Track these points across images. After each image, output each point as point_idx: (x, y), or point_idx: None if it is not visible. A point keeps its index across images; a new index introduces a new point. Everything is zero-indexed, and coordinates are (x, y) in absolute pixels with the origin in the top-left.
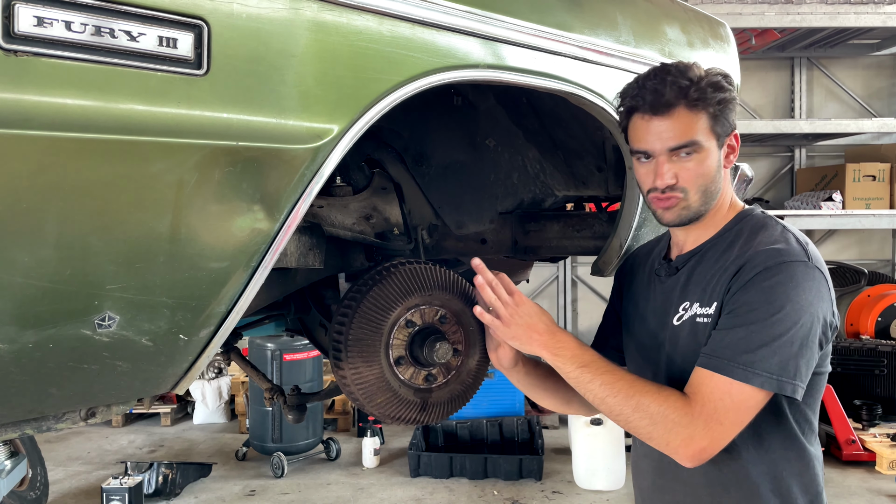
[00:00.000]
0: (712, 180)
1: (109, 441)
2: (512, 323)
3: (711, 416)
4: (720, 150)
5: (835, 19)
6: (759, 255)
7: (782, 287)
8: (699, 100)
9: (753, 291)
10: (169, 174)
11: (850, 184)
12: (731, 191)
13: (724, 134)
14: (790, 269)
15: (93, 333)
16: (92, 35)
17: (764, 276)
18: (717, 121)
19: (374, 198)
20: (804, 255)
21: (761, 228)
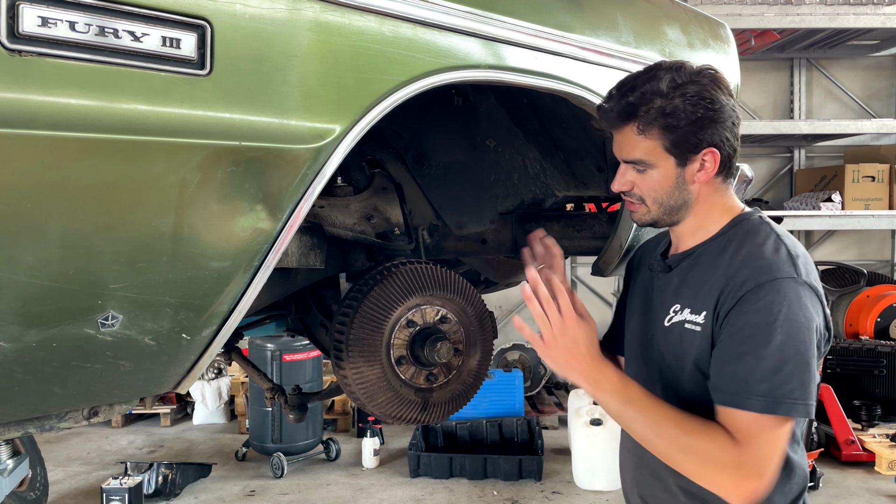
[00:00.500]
0: (669, 196)
1: (109, 441)
2: (553, 345)
3: (759, 454)
4: (681, 168)
5: (834, 20)
6: (749, 270)
7: (777, 307)
8: (648, 124)
9: (750, 314)
10: (172, 174)
11: (849, 184)
12: (722, 197)
13: (689, 150)
14: (780, 287)
15: (96, 333)
16: (96, 35)
17: (756, 294)
18: (672, 139)
19: (375, 198)
20: (793, 271)
21: (752, 236)
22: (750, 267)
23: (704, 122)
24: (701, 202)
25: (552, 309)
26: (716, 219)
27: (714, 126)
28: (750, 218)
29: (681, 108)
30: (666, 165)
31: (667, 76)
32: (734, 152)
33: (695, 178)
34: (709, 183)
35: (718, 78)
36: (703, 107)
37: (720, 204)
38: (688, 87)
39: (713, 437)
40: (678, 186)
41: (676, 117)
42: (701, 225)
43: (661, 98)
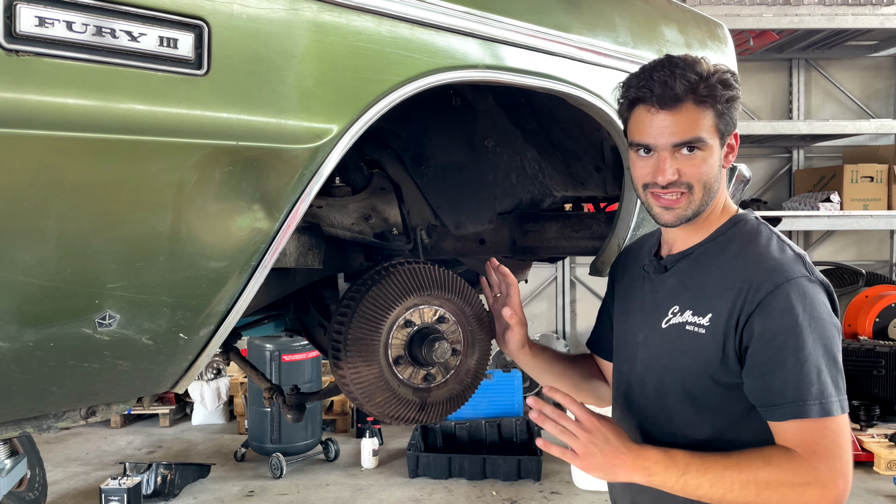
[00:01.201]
0: (714, 179)
1: (108, 442)
2: (589, 455)
3: (829, 459)
4: (721, 149)
5: (833, 20)
6: (763, 272)
7: (800, 307)
8: (708, 96)
9: (776, 318)
10: (169, 174)
11: (847, 185)
12: (724, 190)
13: (727, 133)
14: (799, 286)
15: (93, 332)
16: (93, 35)
17: (777, 297)
18: (722, 119)
19: (373, 198)
20: (804, 269)
21: (755, 237)
22: (762, 269)
23: (738, 103)
24: (720, 190)
25: (570, 422)
26: (718, 215)
27: (737, 111)
28: (748, 218)
29: (730, 85)
30: (715, 145)
31: (705, 61)
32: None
33: (723, 161)
34: (724, 171)
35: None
36: (735, 88)
37: (724, 198)
38: (731, 75)
39: (779, 462)
40: (719, 170)
41: (731, 89)
42: (707, 221)
43: (713, 75)
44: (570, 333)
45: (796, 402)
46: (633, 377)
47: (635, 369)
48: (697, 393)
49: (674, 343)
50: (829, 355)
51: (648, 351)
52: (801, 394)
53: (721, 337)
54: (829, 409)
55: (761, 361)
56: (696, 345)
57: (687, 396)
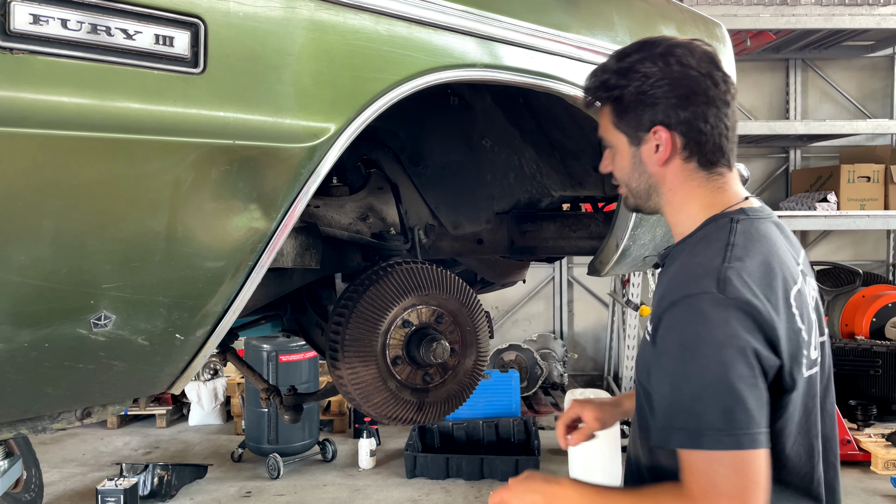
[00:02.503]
0: (629, 178)
1: (104, 443)
2: None
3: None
4: (635, 147)
5: (829, 21)
6: (669, 285)
7: (691, 326)
8: (599, 95)
9: (665, 336)
10: (165, 173)
11: (844, 185)
12: (700, 188)
13: (636, 129)
14: (694, 303)
15: (89, 333)
16: (88, 33)
17: (671, 313)
18: (624, 115)
19: (371, 198)
20: (714, 286)
21: (707, 243)
22: (673, 282)
23: (651, 98)
24: (672, 190)
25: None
26: (693, 214)
27: (666, 103)
28: (718, 220)
29: (627, 82)
30: (621, 144)
31: (625, 51)
32: (701, 135)
33: (652, 159)
34: (676, 168)
35: (689, 53)
36: (651, 82)
37: (698, 197)
38: (641, 63)
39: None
40: (636, 168)
41: (621, 91)
42: (678, 219)
43: (609, 73)
44: (568, 333)
45: (663, 429)
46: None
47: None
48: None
49: (641, 351)
50: (721, 383)
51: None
52: (668, 420)
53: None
54: (699, 441)
55: (653, 382)
56: (645, 350)
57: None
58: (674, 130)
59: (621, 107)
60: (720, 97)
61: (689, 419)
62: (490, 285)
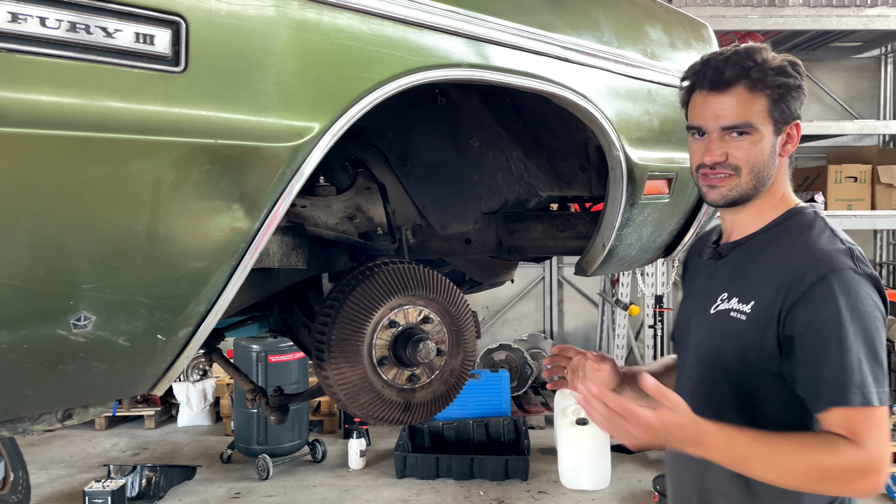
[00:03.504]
0: (764, 165)
1: (92, 444)
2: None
3: (877, 446)
4: (776, 137)
5: (817, 22)
6: (808, 263)
7: (843, 299)
8: (759, 81)
9: (820, 308)
10: (146, 172)
11: (832, 185)
12: (786, 184)
13: (782, 121)
14: (843, 278)
15: (68, 334)
16: (67, 31)
17: (821, 288)
18: (775, 105)
19: (358, 198)
20: (851, 262)
21: (807, 230)
22: (809, 260)
23: (799, 92)
24: (777, 180)
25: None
26: (775, 205)
27: (801, 99)
28: (805, 212)
29: (785, 73)
30: (767, 131)
31: (760, 46)
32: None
33: (781, 150)
34: (785, 161)
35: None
36: (793, 76)
37: (783, 189)
38: (796, 63)
39: (842, 449)
40: (772, 157)
41: (787, 76)
42: (762, 209)
43: (768, 62)
44: (558, 333)
45: (838, 392)
46: (687, 363)
47: (688, 355)
48: (739, 379)
49: (717, 328)
50: (870, 348)
51: (697, 336)
52: (842, 383)
53: (762, 324)
54: (870, 399)
55: (807, 353)
56: (735, 330)
57: (728, 383)
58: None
59: (783, 96)
60: None
61: (862, 380)
62: (478, 285)
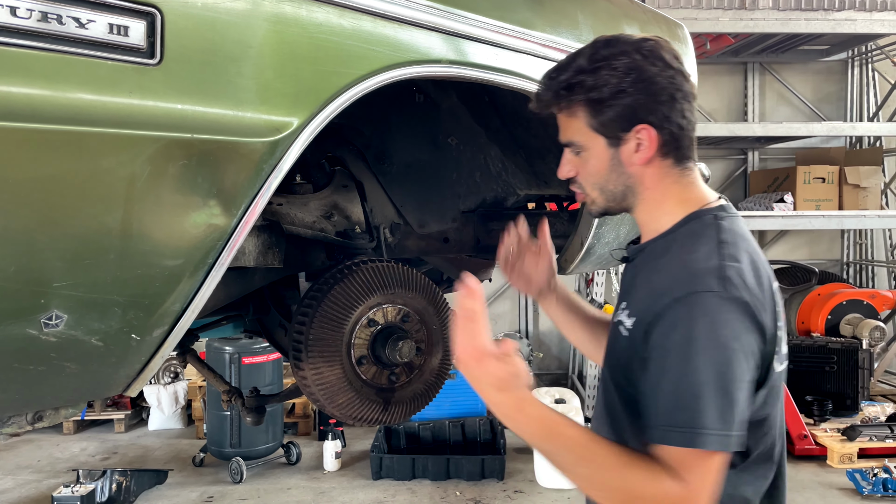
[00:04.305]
0: (606, 180)
1: (60, 449)
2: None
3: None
4: (614, 148)
5: (786, 25)
6: (670, 281)
7: (697, 324)
8: (569, 97)
9: (668, 333)
10: (120, 167)
11: (800, 185)
12: (676, 185)
13: (618, 128)
14: (700, 301)
15: (39, 333)
16: (38, 21)
17: (674, 309)
18: (600, 115)
19: (336, 196)
20: (716, 284)
21: (694, 240)
22: (675, 277)
23: (632, 95)
24: (649, 188)
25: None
26: (669, 211)
27: (646, 100)
28: (702, 217)
29: (604, 81)
30: (597, 146)
31: (590, 50)
32: (681, 130)
33: (633, 159)
34: (654, 166)
35: (658, 49)
36: (630, 80)
37: (674, 194)
38: (615, 60)
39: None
40: (615, 170)
41: (599, 91)
42: (653, 216)
43: (582, 73)
44: (533, 333)
45: (662, 427)
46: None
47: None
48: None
49: (612, 341)
50: (719, 384)
51: (606, 344)
52: (668, 418)
53: (637, 343)
54: (695, 441)
55: (650, 379)
56: (621, 345)
57: (621, 403)
58: (655, 128)
59: (600, 107)
60: (691, 92)
61: (691, 418)
62: None
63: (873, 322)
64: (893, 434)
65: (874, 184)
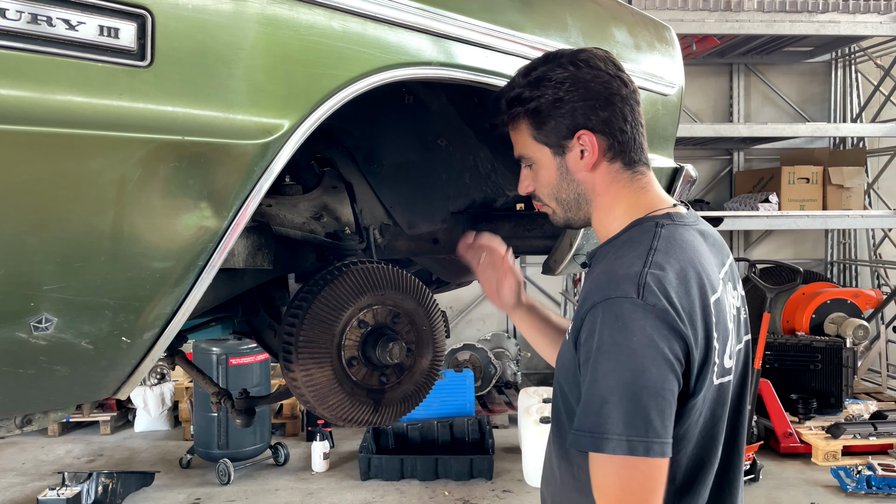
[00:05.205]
0: (560, 189)
1: (45, 451)
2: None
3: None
4: (560, 157)
5: (771, 27)
6: (593, 288)
7: (609, 330)
8: (510, 114)
9: (587, 338)
10: (111, 169)
11: (785, 186)
12: (625, 189)
13: (559, 137)
14: (613, 307)
15: (28, 336)
16: (28, 23)
17: (592, 315)
18: (540, 128)
19: (325, 197)
20: (633, 291)
21: (630, 246)
22: (596, 283)
23: (569, 103)
24: (600, 194)
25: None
26: (618, 217)
27: (583, 106)
28: (643, 224)
29: (540, 93)
30: (544, 157)
31: (528, 68)
32: (623, 134)
33: (579, 166)
34: (602, 171)
35: (592, 58)
36: (565, 88)
37: (624, 198)
38: (550, 73)
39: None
40: (564, 178)
41: (537, 102)
42: (603, 223)
43: (520, 88)
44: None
45: (573, 431)
46: None
47: None
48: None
49: (561, 348)
50: (629, 390)
51: None
52: (578, 422)
53: (571, 349)
54: (600, 446)
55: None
56: (563, 354)
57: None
58: (597, 133)
59: (539, 118)
60: (632, 96)
61: (596, 422)
62: (445, 285)
63: (857, 321)
64: (877, 432)
65: (857, 184)
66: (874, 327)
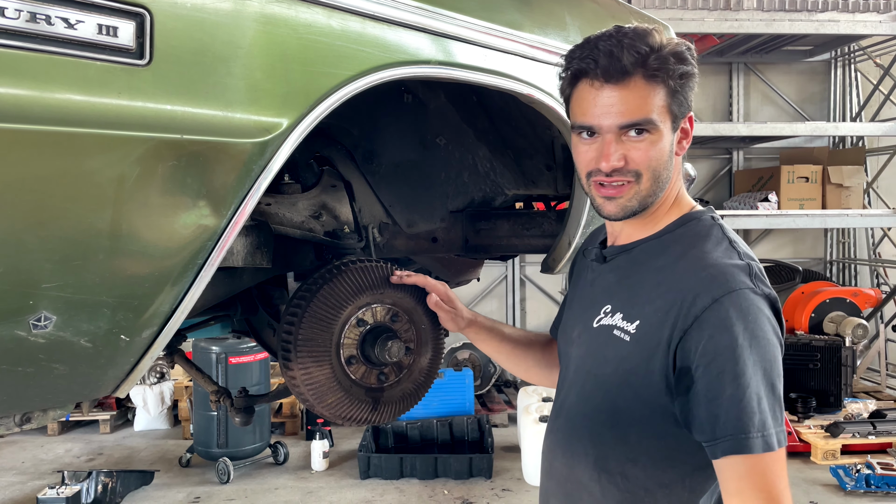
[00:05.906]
0: (664, 167)
1: (45, 450)
2: None
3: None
4: (674, 134)
5: (770, 26)
6: (701, 282)
7: (741, 324)
8: (659, 70)
9: (715, 336)
10: (109, 167)
11: (784, 185)
12: (679, 185)
13: (680, 115)
14: (739, 299)
15: (27, 334)
16: (27, 22)
17: (715, 312)
18: (675, 98)
19: (324, 196)
20: (749, 280)
21: (702, 240)
22: (702, 278)
23: (693, 80)
24: (673, 182)
25: None
26: (668, 210)
27: (694, 89)
28: (701, 218)
29: (684, 59)
30: (666, 129)
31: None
32: None
33: (676, 149)
34: (678, 160)
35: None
36: (691, 63)
37: (676, 191)
38: (687, 50)
39: None
40: (670, 157)
41: (686, 64)
42: (654, 216)
43: (665, 47)
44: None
45: (737, 436)
46: (567, 379)
47: (569, 370)
48: (621, 407)
49: (600, 347)
50: (768, 381)
51: (579, 350)
52: (741, 425)
53: (648, 349)
54: (771, 443)
55: (700, 389)
56: (619, 352)
57: (609, 410)
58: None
59: (681, 87)
60: None
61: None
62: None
63: (856, 320)
64: (876, 431)
65: (857, 183)
66: (873, 326)
